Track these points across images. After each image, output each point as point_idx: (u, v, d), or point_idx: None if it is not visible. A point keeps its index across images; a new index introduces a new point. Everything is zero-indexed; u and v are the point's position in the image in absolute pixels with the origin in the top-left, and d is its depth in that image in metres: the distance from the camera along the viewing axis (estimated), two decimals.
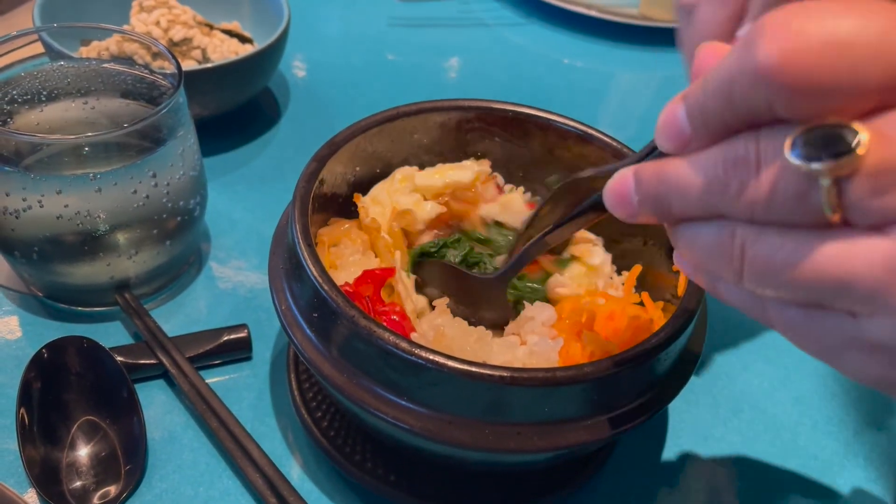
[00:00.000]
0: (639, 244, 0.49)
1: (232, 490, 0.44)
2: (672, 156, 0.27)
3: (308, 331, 0.39)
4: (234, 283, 0.57)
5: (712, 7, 0.38)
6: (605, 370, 0.36)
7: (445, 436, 0.36)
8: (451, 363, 0.35)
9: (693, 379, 0.54)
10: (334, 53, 0.85)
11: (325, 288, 0.38)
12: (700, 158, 0.26)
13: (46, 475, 0.42)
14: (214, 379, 0.50)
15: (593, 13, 0.92)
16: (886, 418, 0.53)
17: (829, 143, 0.22)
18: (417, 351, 0.35)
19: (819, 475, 0.49)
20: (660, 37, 0.93)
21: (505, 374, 0.35)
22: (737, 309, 0.28)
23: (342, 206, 0.49)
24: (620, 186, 0.29)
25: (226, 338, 0.51)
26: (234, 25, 0.73)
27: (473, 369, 0.35)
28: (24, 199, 0.46)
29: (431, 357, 0.35)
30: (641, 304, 0.45)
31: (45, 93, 0.51)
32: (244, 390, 0.50)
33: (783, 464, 0.49)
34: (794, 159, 0.22)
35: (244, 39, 0.71)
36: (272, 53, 0.67)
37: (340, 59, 0.84)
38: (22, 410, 0.44)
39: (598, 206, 0.34)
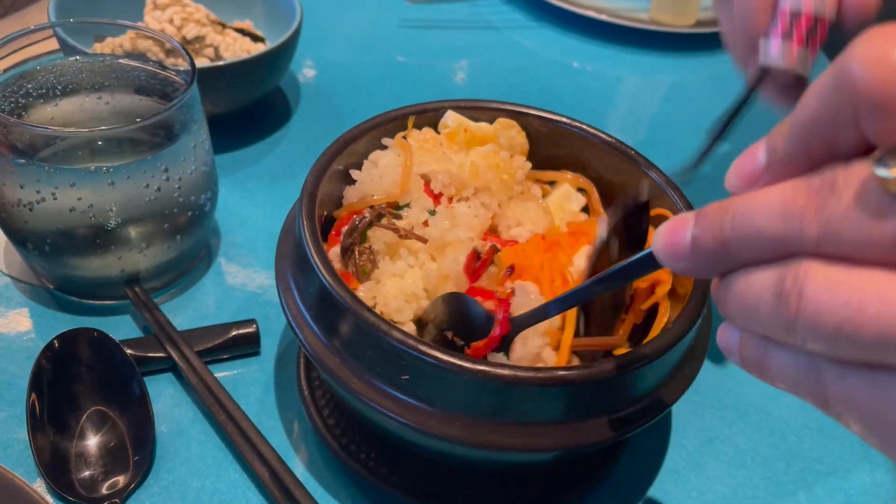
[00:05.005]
0: None
1: (238, 483, 0.44)
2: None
3: (315, 328, 0.39)
4: (243, 278, 0.57)
5: None
6: (608, 371, 0.36)
7: (443, 431, 0.36)
8: (457, 361, 0.35)
9: (699, 382, 0.54)
10: (345, 54, 0.86)
11: (334, 285, 0.38)
12: (778, 186, 0.23)
13: (56, 465, 0.43)
14: (222, 373, 0.50)
15: (603, 17, 0.92)
16: None
17: None
18: (423, 348, 0.35)
19: (824, 479, 0.49)
20: (670, 41, 0.93)
21: (507, 374, 0.35)
22: (789, 392, 0.25)
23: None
24: (675, 227, 0.26)
25: (234, 333, 0.51)
26: (247, 24, 0.73)
27: (478, 367, 0.35)
28: (37, 192, 0.47)
29: (437, 355, 0.35)
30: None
31: (59, 87, 0.52)
32: (252, 385, 0.50)
33: (788, 467, 0.49)
34: (878, 169, 0.20)
35: (256, 38, 0.72)
36: (284, 52, 0.67)
37: (351, 59, 0.85)
38: (32, 400, 0.44)
39: (643, 263, 0.31)
